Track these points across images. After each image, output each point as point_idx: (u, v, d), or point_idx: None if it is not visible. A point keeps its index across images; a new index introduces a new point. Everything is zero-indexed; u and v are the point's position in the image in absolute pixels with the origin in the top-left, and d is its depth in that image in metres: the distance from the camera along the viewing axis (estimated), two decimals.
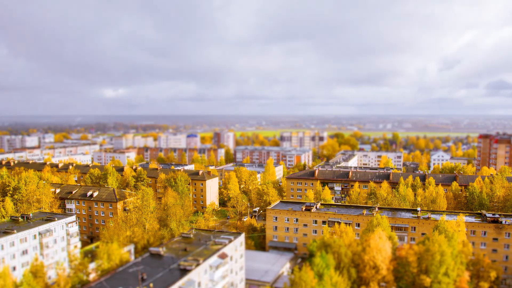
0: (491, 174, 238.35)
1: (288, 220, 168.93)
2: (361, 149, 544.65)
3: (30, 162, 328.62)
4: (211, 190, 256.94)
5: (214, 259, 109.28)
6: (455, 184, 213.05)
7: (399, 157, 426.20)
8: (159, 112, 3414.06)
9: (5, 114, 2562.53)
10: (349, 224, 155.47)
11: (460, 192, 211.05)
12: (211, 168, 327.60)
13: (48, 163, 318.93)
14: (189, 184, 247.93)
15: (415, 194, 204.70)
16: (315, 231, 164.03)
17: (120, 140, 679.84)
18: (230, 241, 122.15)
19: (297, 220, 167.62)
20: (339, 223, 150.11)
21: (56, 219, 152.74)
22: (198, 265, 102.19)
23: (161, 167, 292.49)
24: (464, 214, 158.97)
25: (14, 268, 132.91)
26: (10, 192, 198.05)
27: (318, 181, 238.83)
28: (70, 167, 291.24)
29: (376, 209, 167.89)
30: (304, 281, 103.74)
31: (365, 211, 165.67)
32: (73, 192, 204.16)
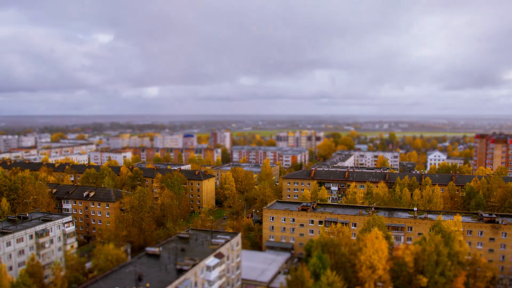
0: (488, 174, 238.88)
1: (284, 220, 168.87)
2: (357, 149, 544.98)
3: (27, 162, 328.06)
4: (208, 190, 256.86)
5: (210, 259, 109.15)
6: (451, 184, 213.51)
7: (395, 157, 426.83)
8: (156, 112, 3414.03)
9: (2, 114, 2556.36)
10: (346, 224, 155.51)
11: (456, 192, 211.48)
12: (207, 168, 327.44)
13: (44, 163, 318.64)
14: (185, 184, 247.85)
15: (411, 194, 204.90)
16: (312, 231, 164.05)
17: (117, 140, 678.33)
18: (227, 241, 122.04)
19: (293, 220, 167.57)
20: (335, 223, 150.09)
21: (52, 219, 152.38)
22: (194, 265, 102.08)
23: (157, 167, 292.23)
24: (461, 214, 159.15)
25: (10, 268, 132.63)
26: (7, 192, 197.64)
27: (315, 181, 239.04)
28: (67, 167, 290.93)
29: (373, 209, 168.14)
30: (300, 281, 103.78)
31: (361, 211, 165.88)
32: (70, 192, 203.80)
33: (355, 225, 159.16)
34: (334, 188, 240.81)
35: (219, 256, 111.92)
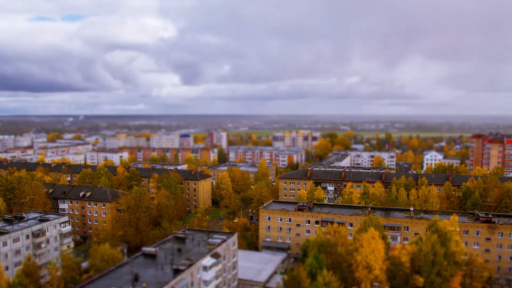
0: (484, 174, 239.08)
1: (281, 220, 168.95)
2: (354, 149, 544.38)
3: (23, 162, 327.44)
4: (204, 190, 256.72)
5: (207, 259, 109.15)
6: (448, 184, 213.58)
7: (392, 157, 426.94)
8: (151, 112, 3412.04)
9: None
10: (342, 224, 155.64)
11: (453, 192, 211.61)
12: (204, 168, 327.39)
13: (40, 163, 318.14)
14: (182, 184, 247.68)
15: (408, 194, 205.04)
16: (308, 231, 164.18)
17: (113, 140, 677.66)
18: (223, 241, 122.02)
19: (290, 220, 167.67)
20: (332, 223, 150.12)
21: (49, 219, 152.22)
22: (191, 265, 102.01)
23: (154, 167, 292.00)
24: (457, 214, 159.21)
25: (7, 268, 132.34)
26: (3, 192, 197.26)
27: (311, 181, 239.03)
28: (63, 167, 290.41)
29: (369, 209, 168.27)
30: (297, 281, 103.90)
31: (358, 211, 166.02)
32: (66, 192, 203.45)
33: (351, 225, 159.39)
34: (331, 188, 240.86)
35: (216, 256, 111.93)
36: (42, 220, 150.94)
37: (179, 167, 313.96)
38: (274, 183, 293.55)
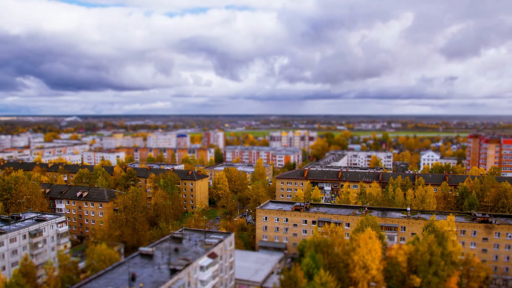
0: (481, 174, 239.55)
1: (278, 220, 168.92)
2: (351, 149, 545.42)
3: (20, 162, 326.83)
4: (201, 190, 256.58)
5: (204, 259, 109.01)
6: (444, 184, 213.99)
7: (389, 157, 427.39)
8: (149, 112, 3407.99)
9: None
10: (339, 224, 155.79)
11: (450, 192, 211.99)
12: (201, 168, 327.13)
13: (37, 163, 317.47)
14: (179, 184, 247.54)
15: (405, 194, 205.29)
16: (305, 231, 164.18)
17: (110, 140, 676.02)
18: (220, 241, 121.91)
19: (287, 220, 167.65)
20: (329, 223, 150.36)
21: (46, 219, 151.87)
22: (187, 265, 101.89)
23: (151, 167, 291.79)
24: (454, 214, 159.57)
25: (3, 268, 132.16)
26: (0, 192, 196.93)
27: (308, 181, 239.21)
28: (60, 167, 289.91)
29: (366, 209, 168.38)
30: (293, 281, 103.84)
31: (355, 211, 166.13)
32: (63, 192, 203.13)
33: (348, 225, 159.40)
34: (328, 188, 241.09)
35: (213, 256, 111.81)
36: (39, 220, 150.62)
37: (176, 167, 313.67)
38: (271, 183, 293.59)
